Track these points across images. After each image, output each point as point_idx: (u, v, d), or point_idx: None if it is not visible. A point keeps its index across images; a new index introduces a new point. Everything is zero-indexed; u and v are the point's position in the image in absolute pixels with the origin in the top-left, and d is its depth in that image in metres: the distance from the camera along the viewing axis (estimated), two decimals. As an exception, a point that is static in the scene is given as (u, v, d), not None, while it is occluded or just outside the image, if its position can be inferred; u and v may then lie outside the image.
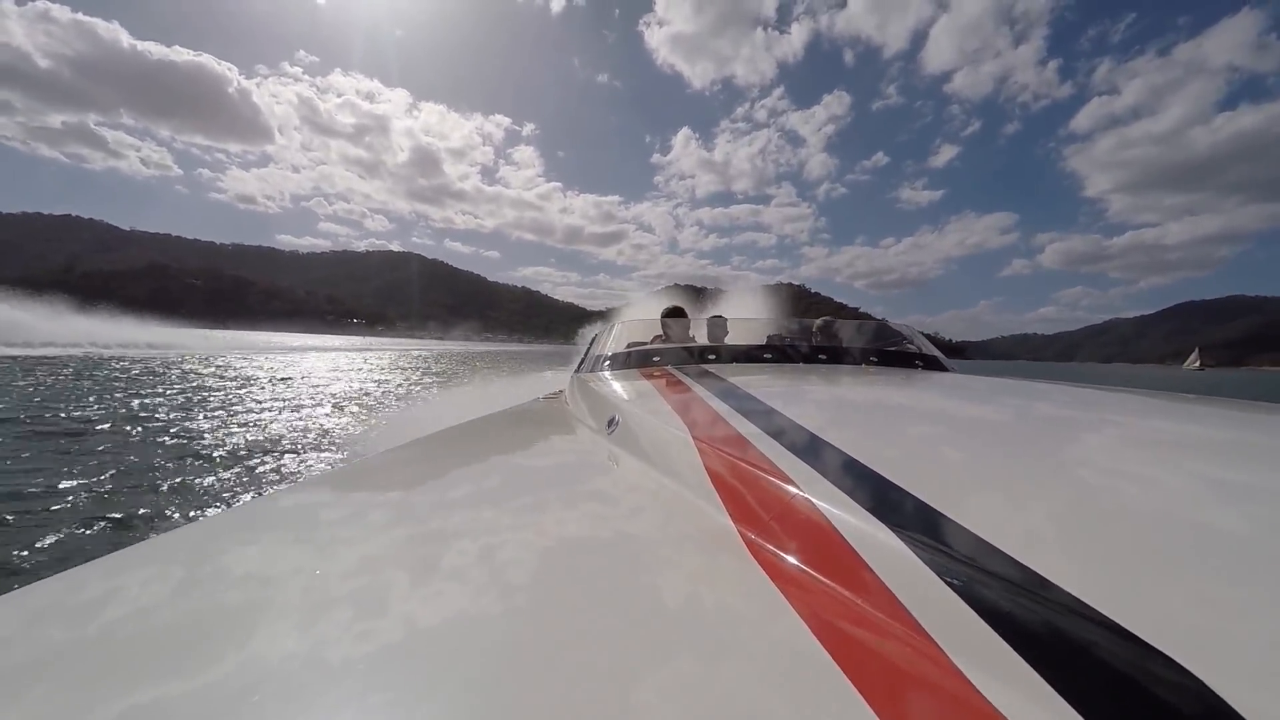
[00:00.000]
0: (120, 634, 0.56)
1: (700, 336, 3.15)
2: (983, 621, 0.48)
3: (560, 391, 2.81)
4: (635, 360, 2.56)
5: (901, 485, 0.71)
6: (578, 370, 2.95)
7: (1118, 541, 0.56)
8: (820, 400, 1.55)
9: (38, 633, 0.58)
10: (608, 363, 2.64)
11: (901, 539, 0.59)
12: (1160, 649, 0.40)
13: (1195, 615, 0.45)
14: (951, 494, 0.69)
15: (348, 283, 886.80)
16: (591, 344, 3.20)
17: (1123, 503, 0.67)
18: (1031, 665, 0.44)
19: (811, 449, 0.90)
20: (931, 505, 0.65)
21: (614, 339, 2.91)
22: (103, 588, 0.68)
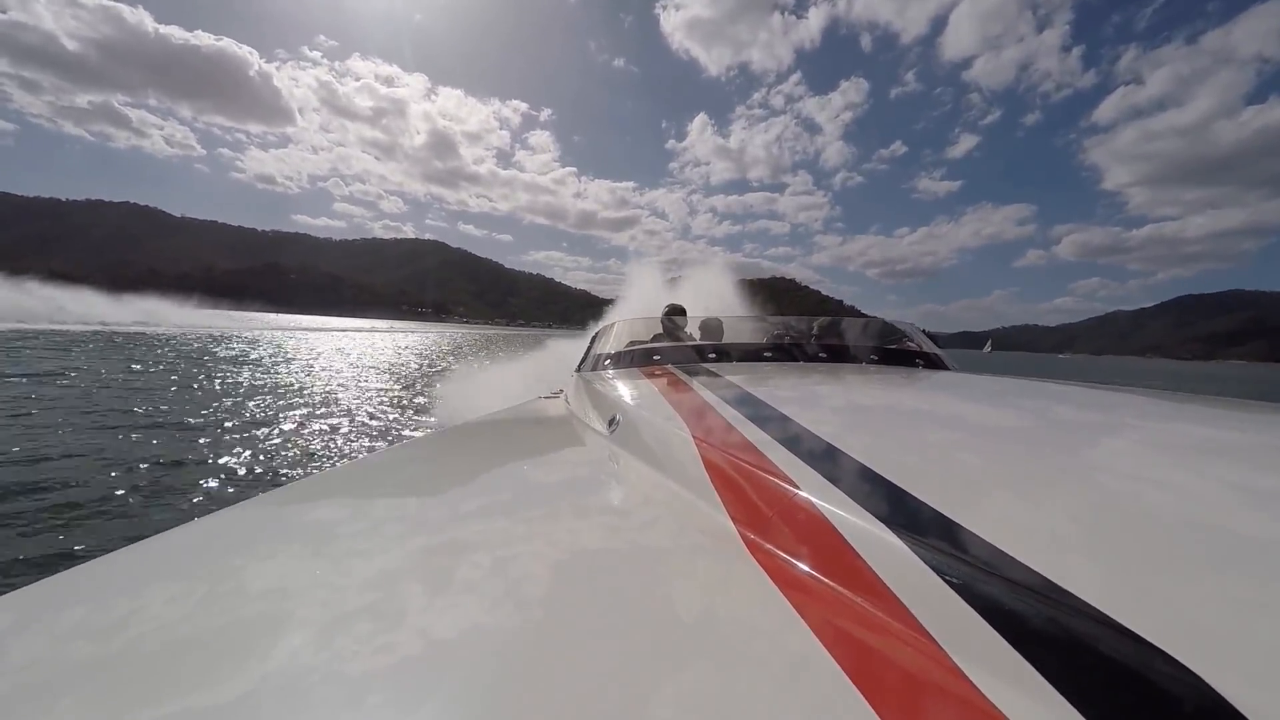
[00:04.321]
0: (132, 639, 0.56)
1: (698, 336, 3.11)
2: (984, 622, 0.48)
3: (560, 390, 2.81)
4: (636, 359, 2.55)
5: (902, 485, 0.71)
6: (578, 369, 2.93)
7: (1120, 542, 0.56)
8: (821, 400, 1.53)
9: (42, 635, 0.57)
10: (609, 361, 2.63)
11: (902, 539, 0.59)
12: (1162, 648, 0.40)
13: (1197, 615, 0.45)
14: (953, 494, 0.69)
15: (381, 270, 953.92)
16: (592, 342, 3.20)
17: (1124, 503, 0.67)
18: (1034, 666, 0.43)
19: (812, 449, 0.89)
20: (933, 506, 0.65)
21: (614, 337, 2.89)
22: (113, 589, 0.67)
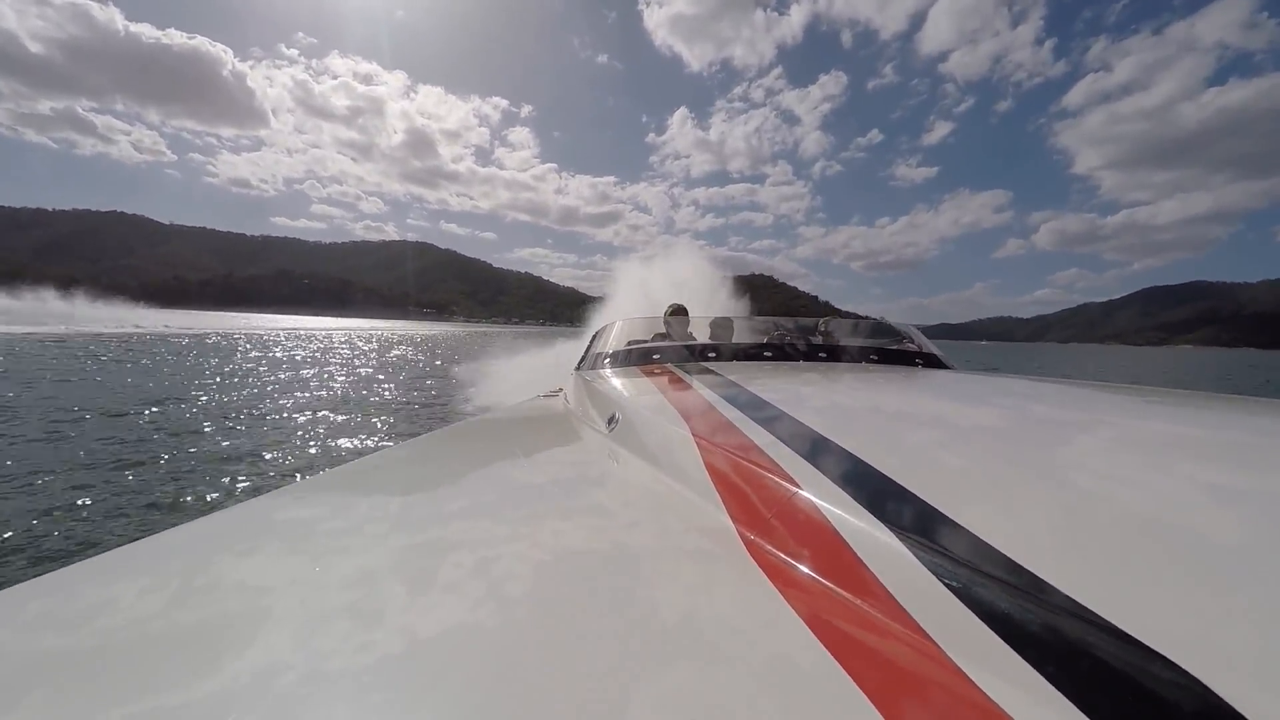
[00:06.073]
0: (110, 637, 0.55)
1: (703, 337, 3.13)
2: (981, 622, 0.48)
3: (559, 389, 2.82)
4: (636, 358, 2.55)
5: (901, 484, 0.70)
6: (578, 368, 2.96)
7: (1115, 542, 0.56)
8: (821, 399, 1.53)
9: (22, 634, 0.56)
10: (608, 360, 2.63)
11: (900, 539, 0.59)
12: (1155, 648, 0.41)
13: (1191, 615, 0.45)
14: (951, 494, 0.68)
15: (372, 272, 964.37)
16: (592, 341, 3.20)
17: (1121, 503, 0.66)
18: (1031, 665, 0.44)
19: (812, 447, 0.89)
20: (931, 505, 0.64)
21: (615, 336, 2.90)
22: (93, 589, 0.66)
